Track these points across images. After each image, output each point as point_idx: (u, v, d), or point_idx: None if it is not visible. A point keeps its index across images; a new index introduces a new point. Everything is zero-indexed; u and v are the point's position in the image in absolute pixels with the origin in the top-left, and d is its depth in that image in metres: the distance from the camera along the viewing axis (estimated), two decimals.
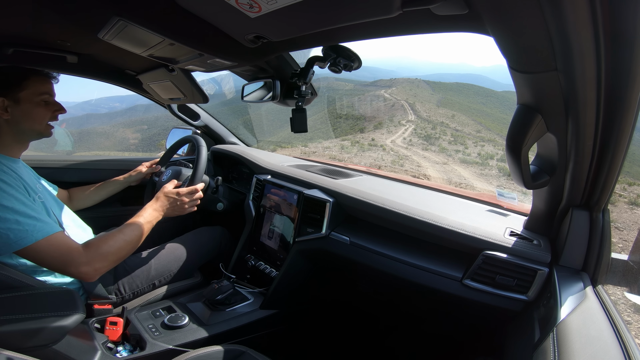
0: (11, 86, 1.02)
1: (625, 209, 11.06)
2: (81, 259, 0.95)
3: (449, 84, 56.57)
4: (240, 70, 1.22)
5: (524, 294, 0.91)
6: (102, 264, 1.00)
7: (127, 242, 1.07)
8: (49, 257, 0.93)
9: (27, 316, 0.79)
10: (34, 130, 1.07)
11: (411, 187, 1.47)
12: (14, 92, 1.02)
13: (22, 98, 1.03)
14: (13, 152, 1.06)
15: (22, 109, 1.03)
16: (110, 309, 1.17)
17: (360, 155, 23.83)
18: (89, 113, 47.36)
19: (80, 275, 0.96)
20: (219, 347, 0.99)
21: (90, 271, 0.97)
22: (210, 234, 1.57)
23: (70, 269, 0.95)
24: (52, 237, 0.93)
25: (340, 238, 1.24)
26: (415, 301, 1.28)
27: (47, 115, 1.08)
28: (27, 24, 0.99)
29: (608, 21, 0.49)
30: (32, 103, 1.05)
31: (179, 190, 1.26)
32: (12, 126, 1.03)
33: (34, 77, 1.05)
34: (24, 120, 1.04)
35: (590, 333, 0.61)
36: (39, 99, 1.06)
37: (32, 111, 1.05)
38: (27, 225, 0.89)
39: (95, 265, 0.98)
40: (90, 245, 1.00)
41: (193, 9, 0.72)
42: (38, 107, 1.06)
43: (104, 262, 1.00)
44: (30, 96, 1.04)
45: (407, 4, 0.53)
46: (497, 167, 21.66)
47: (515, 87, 0.64)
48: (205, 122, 2.09)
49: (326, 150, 23.44)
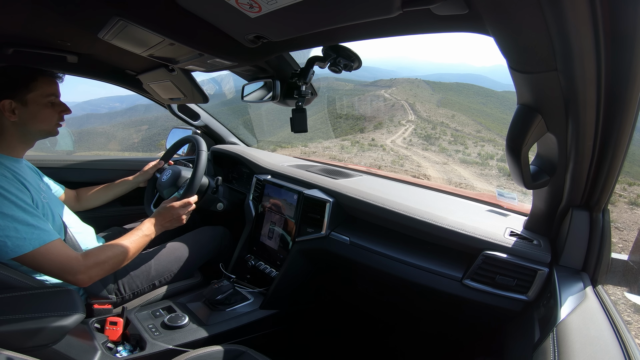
0: (18, 88, 1.01)
1: (625, 209, 11.02)
2: (79, 268, 0.97)
3: (449, 84, 56.56)
4: (241, 70, 1.22)
5: (524, 294, 0.91)
6: (97, 273, 1.02)
7: (124, 254, 1.09)
8: (47, 265, 0.93)
9: (27, 316, 0.79)
10: (42, 130, 1.07)
11: (411, 187, 1.47)
12: (22, 93, 1.01)
13: (29, 100, 1.02)
14: (16, 152, 1.05)
15: (29, 110, 1.02)
16: (110, 308, 1.17)
17: (360, 155, 23.79)
18: (89, 113, 47.36)
19: (76, 282, 0.98)
20: (219, 347, 0.99)
21: (86, 279, 0.99)
22: (212, 234, 1.57)
23: (68, 276, 0.96)
24: (50, 245, 0.93)
25: (340, 238, 1.24)
26: (415, 301, 1.28)
27: (54, 116, 1.08)
28: (27, 24, 0.98)
29: (608, 21, 0.49)
30: (40, 105, 1.04)
31: (173, 204, 1.29)
32: (19, 127, 1.03)
33: (41, 78, 1.04)
34: (32, 122, 1.04)
35: (590, 333, 0.61)
36: (46, 101, 1.05)
37: (39, 113, 1.04)
38: (25, 233, 0.89)
39: (91, 273, 1.00)
40: (89, 255, 1.01)
41: (193, 9, 0.72)
42: (45, 109, 1.05)
43: (100, 271, 1.02)
44: (38, 98, 1.04)
45: (407, 4, 0.52)
46: (497, 167, 21.65)
47: (516, 87, 0.64)
48: (205, 122, 2.09)
49: (326, 150, 23.41)
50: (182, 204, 1.31)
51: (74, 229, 1.16)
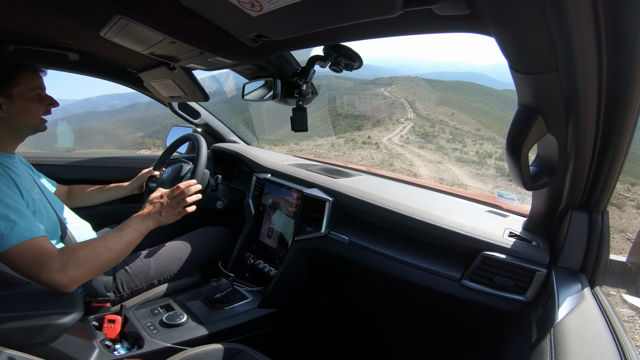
0: (3, 83, 1.00)
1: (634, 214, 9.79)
2: (54, 265, 0.85)
3: (449, 82, 56.47)
4: (241, 68, 1.22)
5: (522, 295, 0.91)
6: (77, 272, 0.88)
7: (109, 250, 0.96)
8: (20, 263, 0.84)
9: (25, 314, 0.79)
10: (29, 125, 1.06)
11: (411, 187, 1.47)
12: (7, 89, 1.01)
13: (15, 94, 1.02)
14: (7, 147, 1.05)
15: (16, 105, 1.02)
16: (108, 307, 1.17)
17: (350, 154, 23.41)
18: (89, 111, 47.17)
19: (53, 283, 0.85)
20: (217, 345, 0.99)
21: (64, 280, 0.86)
22: (214, 234, 1.56)
23: (42, 275, 0.84)
24: (29, 241, 0.85)
25: (340, 237, 1.24)
26: (414, 301, 1.28)
27: (41, 109, 1.08)
28: (28, 21, 0.98)
29: (610, 22, 0.49)
30: (26, 99, 1.04)
31: (162, 192, 1.17)
32: (7, 123, 1.02)
33: (24, 73, 1.04)
34: (19, 116, 1.03)
35: (587, 334, 0.61)
36: (32, 94, 1.05)
37: (26, 107, 1.04)
38: (4, 229, 0.83)
39: (70, 272, 0.86)
40: (65, 251, 0.90)
41: (194, 7, 0.71)
42: (32, 102, 1.05)
43: (81, 270, 0.89)
44: (24, 92, 1.03)
45: (409, 4, 0.52)
46: (495, 166, 21.55)
47: (516, 88, 0.64)
48: (205, 121, 2.09)
49: (315, 148, 23.01)
50: (171, 190, 1.16)
51: (71, 224, 1.16)
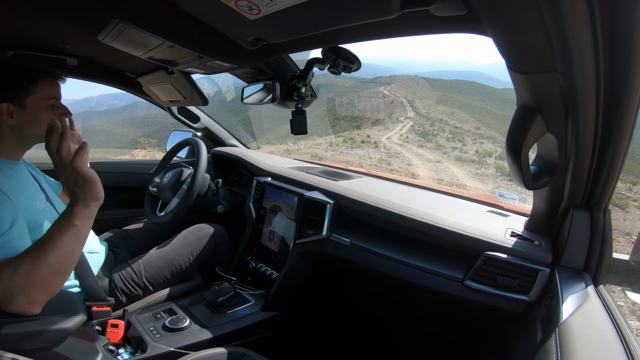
0: (18, 90, 0.96)
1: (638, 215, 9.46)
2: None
3: (448, 81, 56.51)
4: (240, 72, 1.22)
5: (526, 295, 0.91)
6: (19, 286, 0.73)
7: (45, 253, 0.76)
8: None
9: (29, 318, 0.79)
10: (39, 135, 0.99)
11: (412, 189, 1.47)
12: (21, 97, 0.96)
13: (28, 103, 0.97)
14: (14, 155, 1.02)
15: (28, 114, 0.97)
16: (108, 311, 1.16)
17: (347, 153, 23.31)
18: (88, 110, 47.21)
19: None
20: (220, 349, 0.99)
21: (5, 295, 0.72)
22: (205, 232, 1.50)
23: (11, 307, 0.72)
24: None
25: (341, 240, 1.23)
26: (417, 302, 1.28)
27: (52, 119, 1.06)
28: (26, 26, 0.98)
29: (606, 20, 0.49)
30: (39, 108, 0.99)
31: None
32: (16, 131, 0.98)
33: (42, 81, 0.99)
34: (30, 126, 0.99)
35: (592, 333, 0.61)
36: (46, 104, 1.00)
37: (38, 116, 0.99)
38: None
39: (11, 285, 0.72)
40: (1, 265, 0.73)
41: (192, 11, 0.72)
42: (45, 112, 1.00)
43: (21, 284, 0.73)
44: (38, 101, 0.98)
45: (406, 5, 0.52)
46: (495, 165, 21.48)
47: (515, 88, 0.64)
48: (205, 125, 2.09)
49: (311, 148, 22.85)
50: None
51: None
